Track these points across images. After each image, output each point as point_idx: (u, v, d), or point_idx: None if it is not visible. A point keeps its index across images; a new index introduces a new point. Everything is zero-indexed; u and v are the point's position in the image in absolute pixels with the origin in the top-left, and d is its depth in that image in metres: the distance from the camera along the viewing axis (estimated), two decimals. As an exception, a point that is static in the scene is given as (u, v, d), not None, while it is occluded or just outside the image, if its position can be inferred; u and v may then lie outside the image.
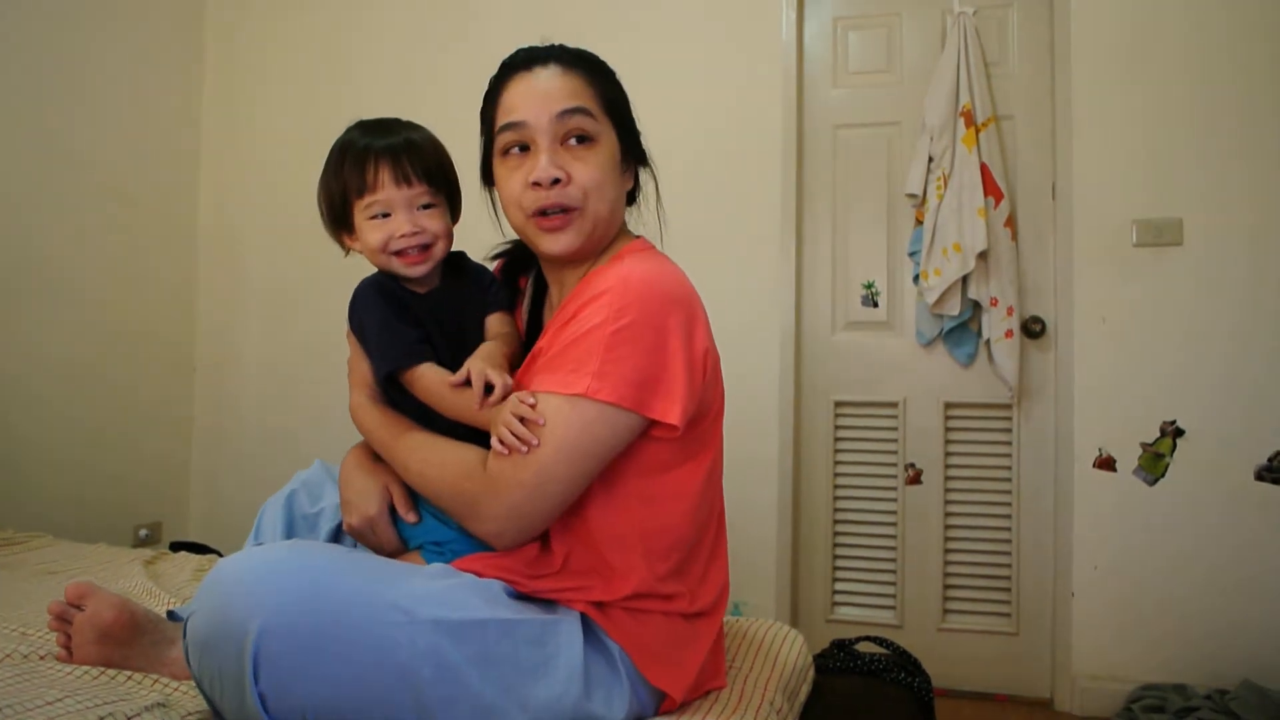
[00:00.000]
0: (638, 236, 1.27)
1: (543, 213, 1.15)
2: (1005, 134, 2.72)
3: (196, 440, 3.35)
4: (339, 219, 1.25)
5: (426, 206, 1.23)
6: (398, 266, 1.22)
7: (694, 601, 1.16)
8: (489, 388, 1.09)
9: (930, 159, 2.67)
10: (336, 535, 1.32)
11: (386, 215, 1.21)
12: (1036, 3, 2.73)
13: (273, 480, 1.43)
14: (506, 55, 1.22)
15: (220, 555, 2.41)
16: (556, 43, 1.23)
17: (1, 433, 2.66)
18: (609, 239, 1.22)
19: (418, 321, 1.20)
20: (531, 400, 1.06)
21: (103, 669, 1.20)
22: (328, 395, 3.12)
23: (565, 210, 1.15)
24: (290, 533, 1.29)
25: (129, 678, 1.19)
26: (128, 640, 1.21)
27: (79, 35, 2.88)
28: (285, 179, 3.29)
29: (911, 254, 2.74)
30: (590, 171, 1.15)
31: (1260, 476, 2.47)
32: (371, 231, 1.22)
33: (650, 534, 1.12)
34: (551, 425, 1.05)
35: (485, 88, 1.23)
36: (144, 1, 3.14)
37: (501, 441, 1.06)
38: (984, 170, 2.62)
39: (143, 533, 3.11)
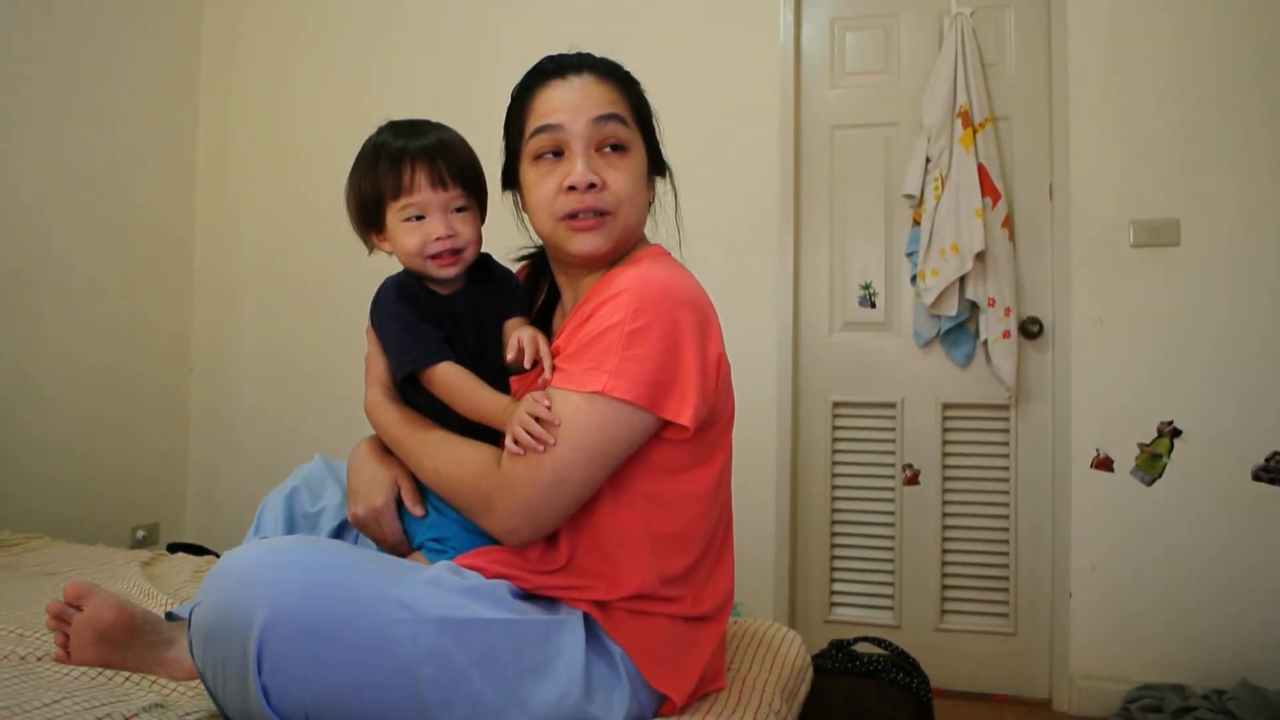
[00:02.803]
0: (655, 244, 1.27)
1: (574, 215, 1.15)
2: (1002, 134, 2.72)
3: (194, 438, 3.35)
4: (370, 220, 1.24)
5: (460, 210, 1.23)
6: (431, 269, 1.22)
7: (696, 605, 1.16)
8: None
9: (928, 159, 2.67)
10: (338, 534, 1.32)
11: (421, 218, 1.21)
12: (1033, 3, 2.74)
13: (271, 481, 1.43)
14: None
15: (218, 556, 2.40)
16: (585, 51, 1.23)
17: (-1, 432, 2.67)
18: (630, 246, 1.23)
19: (438, 322, 1.20)
20: (547, 401, 1.06)
21: (100, 670, 1.20)
22: (325, 393, 3.12)
23: (599, 214, 1.15)
24: (291, 530, 1.29)
25: (126, 678, 1.19)
26: (126, 641, 1.21)
27: (80, 40, 2.88)
28: (280, 175, 3.30)
29: (909, 254, 2.74)
30: (624, 179, 1.16)
31: (1257, 477, 2.47)
32: (407, 235, 1.21)
33: (657, 536, 1.12)
34: (567, 424, 1.05)
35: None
36: (143, 6, 3.14)
37: (516, 441, 1.06)
38: (981, 171, 2.62)
39: (140, 534, 3.10)
